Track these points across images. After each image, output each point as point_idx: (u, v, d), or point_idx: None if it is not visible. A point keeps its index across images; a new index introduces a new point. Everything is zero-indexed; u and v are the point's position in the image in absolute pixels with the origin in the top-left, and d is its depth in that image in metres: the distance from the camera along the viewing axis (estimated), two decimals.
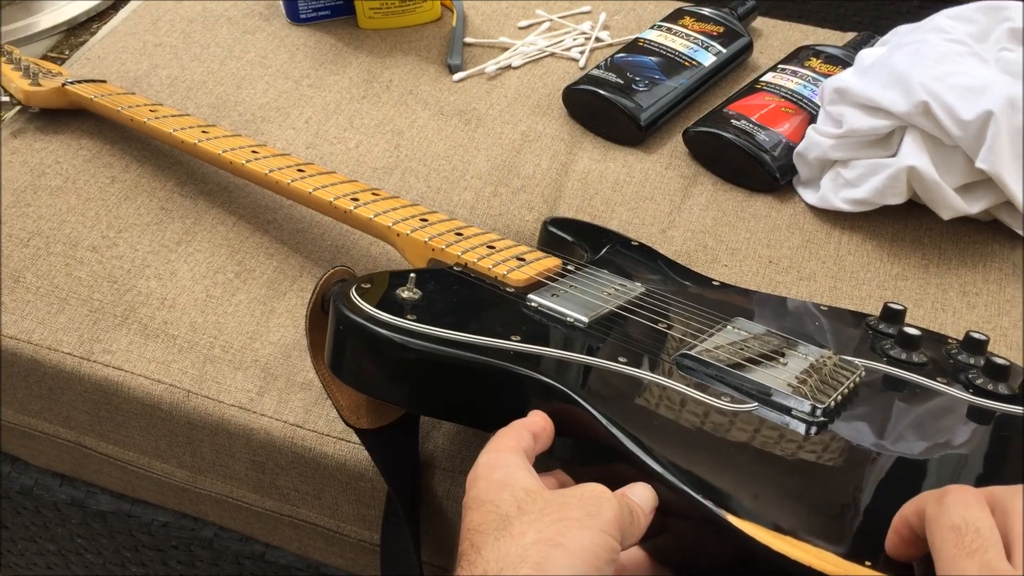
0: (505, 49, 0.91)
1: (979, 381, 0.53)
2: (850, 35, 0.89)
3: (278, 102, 0.85)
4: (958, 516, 0.38)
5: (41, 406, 0.71)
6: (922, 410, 0.52)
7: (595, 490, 0.43)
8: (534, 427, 0.49)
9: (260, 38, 0.91)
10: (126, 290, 0.70)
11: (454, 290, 0.57)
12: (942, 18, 0.76)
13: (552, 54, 0.91)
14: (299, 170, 0.69)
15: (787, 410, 0.50)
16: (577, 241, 0.68)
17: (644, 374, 0.52)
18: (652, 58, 0.85)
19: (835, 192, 0.75)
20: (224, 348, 0.67)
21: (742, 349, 0.54)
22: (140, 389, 0.66)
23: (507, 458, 0.46)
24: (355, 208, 0.65)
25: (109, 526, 0.79)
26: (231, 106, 0.84)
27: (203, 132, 0.74)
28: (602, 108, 0.82)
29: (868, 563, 0.41)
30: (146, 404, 0.66)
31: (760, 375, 0.51)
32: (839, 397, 0.51)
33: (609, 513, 0.42)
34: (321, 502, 0.66)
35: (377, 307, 0.53)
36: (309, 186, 0.67)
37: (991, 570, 0.36)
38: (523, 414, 0.50)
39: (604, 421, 0.48)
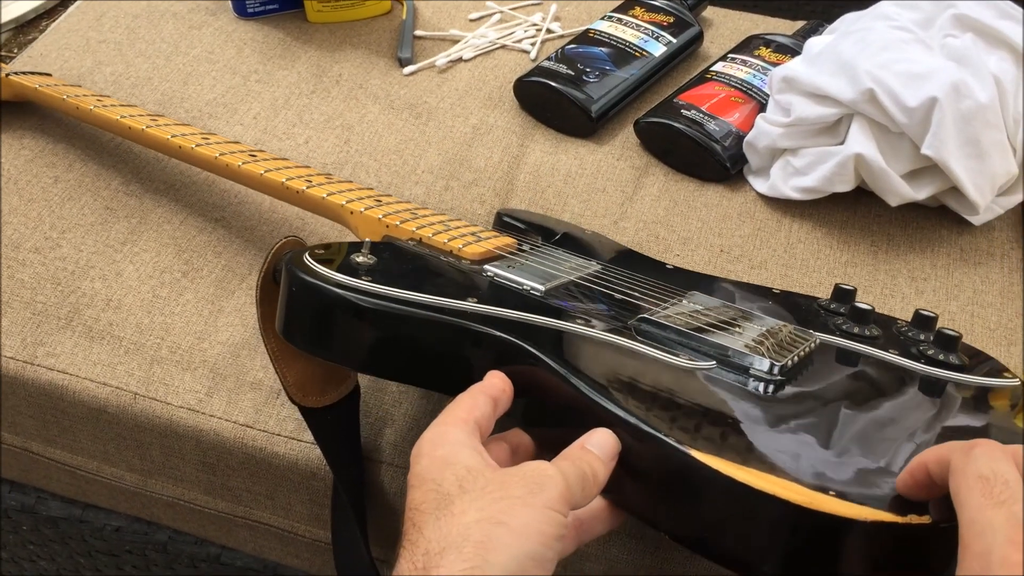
0: (456, 42, 0.90)
1: (930, 352, 0.55)
2: (800, 24, 0.90)
3: (225, 98, 0.84)
4: (986, 467, 0.38)
5: None
6: (875, 377, 0.53)
7: (538, 467, 0.43)
8: (492, 389, 0.48)
9: (207, 33, 0.90)
10: (70, 292, 0.69)
11: (409, 258, 0.57)
12: (888, 5, 0.77)
13: (503, 46, 0.90)
14: (251, 155, 0.69)
15: (745, 369, 0.51)
16: (531, 229, 0.68)
17: (602, 335, 0.52)
18: (603, 49, 0.84)
19: (785, 181, 0.75)
20: (172, 349, 0.66)
21: (699, 317, 0.54)
22: (86, 393, 0.65)
23: (452, 433, 0.45)
24: (308, 188, 0.64)
25: (61, 532, 0.77)
26: (177, 102, 0.83)
27: (152, 119, 0.73)
28: (553, 100, 0.81)
29: (832, 493, 0.42)
30: (92, 408, 0.65)
31: (718, 338, 0.52)
32: (795, 359, 0.51)
33: (553, 490, 0.42)
34: (274, 502, 0.66)
35: (331, 269, 0.52)
36: (261, 168, 0.66)
37: (1018, 521, 0.36)
38: (478, 377, 0.49)
39: (564, 372, 0.48)
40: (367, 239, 0.56)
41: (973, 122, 0.68)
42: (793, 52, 0.83)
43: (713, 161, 0.77)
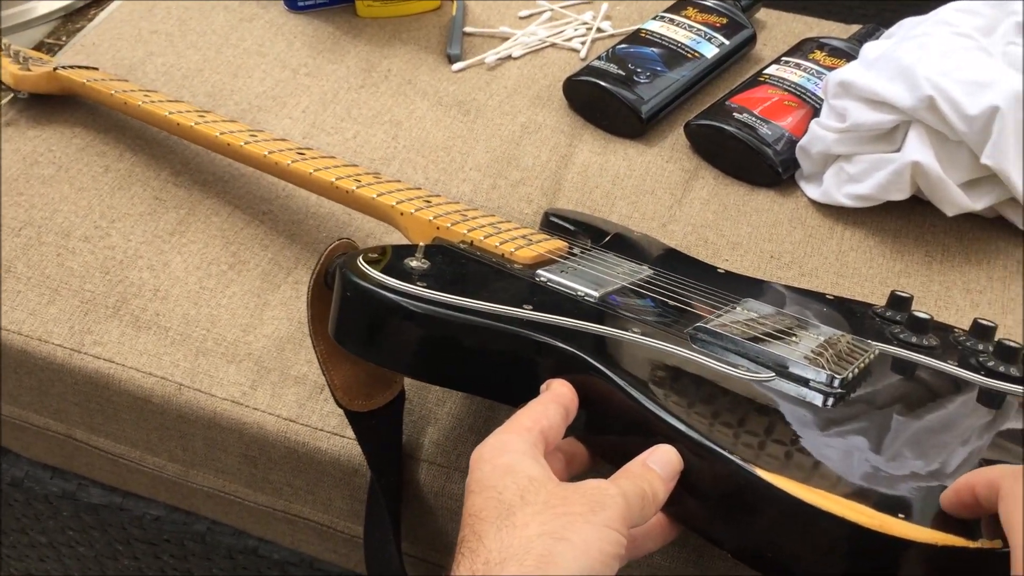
0: (505, 39, 0.90)
1: (990, 363, 0.54)
2: (855, 28, 0.88)
3: (275, 91, 0.84)
4: None
5: (31, 398, 0.70)
6: (936, 389, 0.52)
7: (599, 485, 0.43)
8: (562, 399, 0.48)
9: (257, 26, 0.90)
10: (118, 281, 0.69)
11: (462, 263, 0.56)
12: (948, 11, 0.75)
13: (553, 44, 0.89)
14: (299, 153, 0.68)
15: (804, 382, 0.49)
16: (579, 231, 0.67)
17: (660, 344, 0.51)
18: (654, 49, 0.84)
19: (838, 187, 0.74)
20: (217, 341, 0.66)
21: (755, 326, 0.53)
22: (131, 382, 0.65)
23: (515, 442, 0.44)
24: (358, 188, 0.64)
25: (101, 519, 0.78)
26: (227, 95, 0.83)
27: (200, 116, 0.73)
28: (603, 100, 0.81)
29: (901, 515, 0.41)
30: (137, 397, 0.65)
31: (776, 348, 0.51)
32: (855, 371, 0.50)
33: (613, 509, 0.41)
34: (314, 497, 0.65)
35: (385, 274, 0.52)
36: (310, 167, 0.66)
37: None
38: (533, 386, 0.49)
39: (624, 385, 0.47)
40: (420, 243, 0.55)
41: None
42: (849, 56, 0.82)
43: (764, 165, 0.76)
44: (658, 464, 0.45)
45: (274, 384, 0.64)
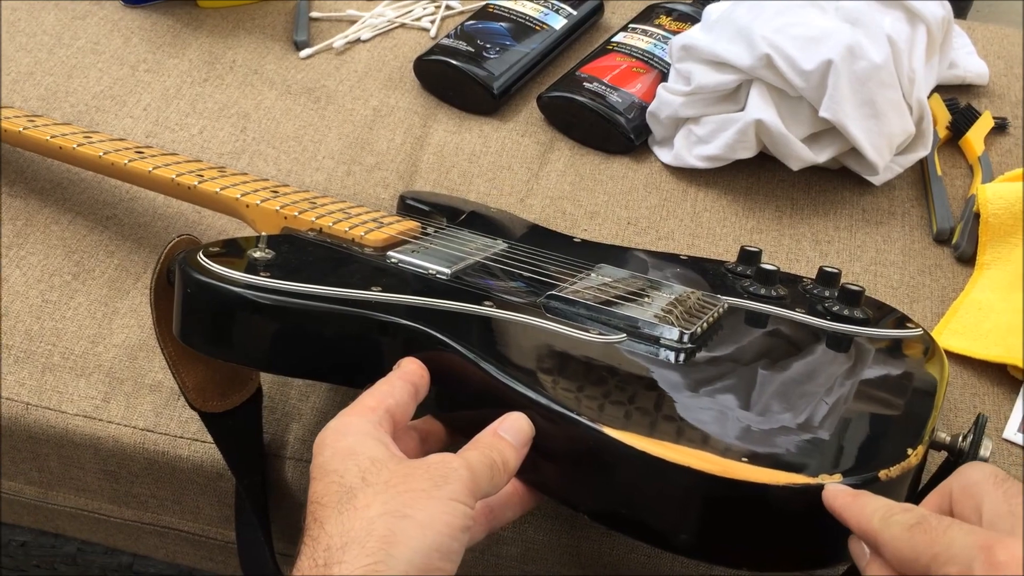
0: (353, 22, 0.88)
1: (835, 308, 0.55)
2: None
3: (113, 90, 0.80)
4: None
5: None
6: (786, 336, 0.54)
7: (442, 459, 0.42)
8: (410, 376, 0.47)
9: (91, 23, 0.86)
10: None
11: (309, 251, 0.55)
12: None
13: (402, 25, 0.88)
14: (138, 151, 0.66)
15: (655, 340, 0.50)
16: (435, 211, 0.67)
17: (511, 315, 0.51)
18: (503, 24, 0.83)
19: (688, 150, 0.75)
20: (64, 355, 0.63)
21: (608, 290, 0.54)
22: None
23: (357, 423, 0.44)
24: (200, 183, 0.62)
25: None
26: (62, 97, 0.79)
27: (30, 120, 0.69)
28: (454, 78, 0.80)
29: (744, 459, 0.42)
30: None
31: (627, 309, 0.52)
32: (704, 325, 0.52)
33: (457, 482, 0.41)
34: (182, 507, 0.64)
35: (227, 267, 0.50)
36: (149, 165, 0.63)
37: None
38: (386, 368, 0.48)
39: (472, 356, 0.47)
40: (263, 233, 0.54)
41: (868, 83, 0.69)
42: (693, 20, 0.83)
43: (617, 133, 0.76)
44: (509, 432, 0.44)
45: (128, 394, 0.62)
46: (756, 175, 0.75)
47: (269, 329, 0.51)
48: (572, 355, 0.49)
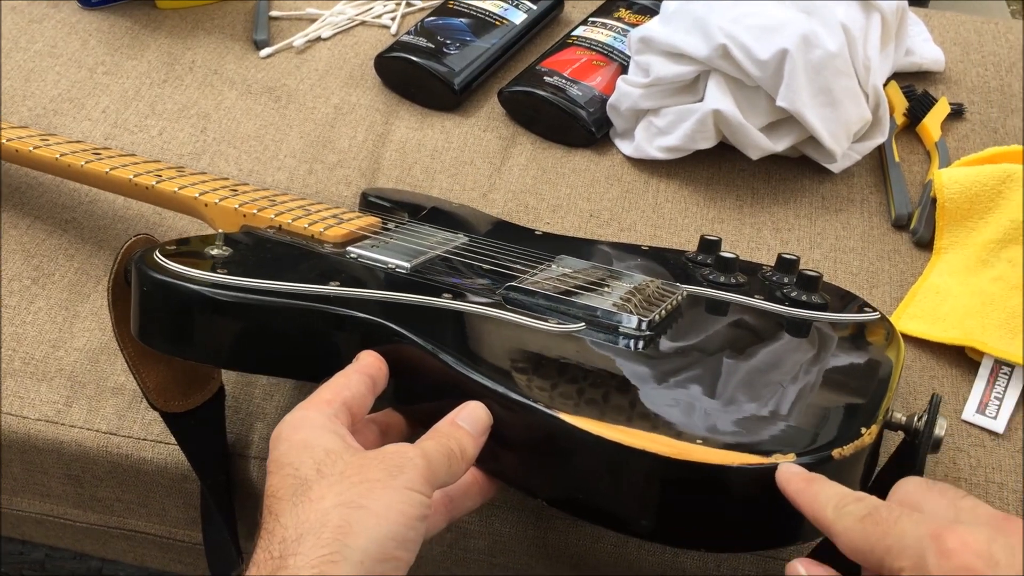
0: (313, 20, 0.88)
1: (793, 294, 0.56)
2: None
3: (71, 93, 0.80)
4: None
5: None
6: (745, 324, 0.54)
7: (398, 449, 0.42)
8: (367, 368, 0.47)
9: (48, 26, 0.86)
10: None
11: (267, 248, 0.55)
12: None
13: (363, 22, 0.88)
14: (95, 153, 0.65)
15: (614, 328, 0.51)
16: (397, 207, 0.67)
17: (470, 307, 0.51)
18: (463, 20, 0.83)
19: (649, 141, 0.75)
20: (25, 360, 0.63)
21: (567, 280, 0.54)
22: None
23: (313, 417, 0.44)
24: (158, 183, 0.61)
25: None
26: (19, 101, 0.79)
27: None
28: (415, 75, 0.80)
29: (699, 441, 0.43)
30: None
31: (586, 299, 0.52)
32: (663, 312, 0.52)
33: (412, 471, 0.41)
34: (148, 510, 0.63)
35: (184, 265, 0.50)
36: (106, 166, 0.63)
37: None
38: (346, 362, 0.48)
39: (428, 347, 0.47)
40: (221, 230, 0.54)
41: (824, 71, 0.69)
42: (653, 12, 0.83)
43: (578, 127, 0.77)
44: (466, 421, 0.45)
45: (90, 398, 0.61)
46: (717, 165, 0.76)
47: (227, 326, 0.51)
48: (530, 345, 0.49)
